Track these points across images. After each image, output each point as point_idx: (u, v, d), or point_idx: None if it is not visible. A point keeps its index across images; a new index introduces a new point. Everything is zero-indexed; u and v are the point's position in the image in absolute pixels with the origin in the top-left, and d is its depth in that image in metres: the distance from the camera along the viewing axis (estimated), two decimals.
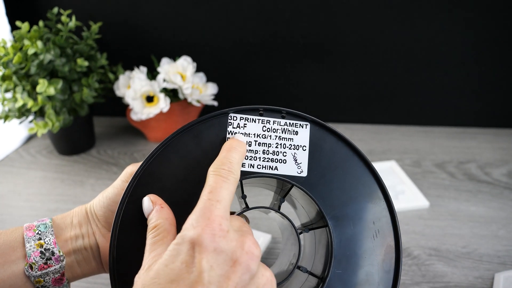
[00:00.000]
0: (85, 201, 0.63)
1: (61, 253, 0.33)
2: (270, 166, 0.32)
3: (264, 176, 0.32)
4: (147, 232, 0.28)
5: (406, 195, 0.62)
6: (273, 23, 0.78)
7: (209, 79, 0.79)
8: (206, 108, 0.84)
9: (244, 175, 0.32)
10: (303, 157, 0.32)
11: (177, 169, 0.31)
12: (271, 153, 0.32)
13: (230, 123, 0.32)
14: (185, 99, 0.75)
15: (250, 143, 0.32)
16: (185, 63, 0.73)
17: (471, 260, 0.50)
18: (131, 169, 0.34)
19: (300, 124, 0.33)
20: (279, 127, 0.33)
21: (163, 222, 0.28)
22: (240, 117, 0.32)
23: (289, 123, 0.33)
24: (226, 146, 0.30)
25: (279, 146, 0.32)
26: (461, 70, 0.78)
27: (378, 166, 0.69)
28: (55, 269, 0.33)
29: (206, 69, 0.79)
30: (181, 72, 0.73)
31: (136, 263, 0.23)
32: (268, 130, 0.33)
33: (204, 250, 0.23)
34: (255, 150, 0.32)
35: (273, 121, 0.33)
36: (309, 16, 0.77)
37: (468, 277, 0.47)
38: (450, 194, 0.63)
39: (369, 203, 0.32)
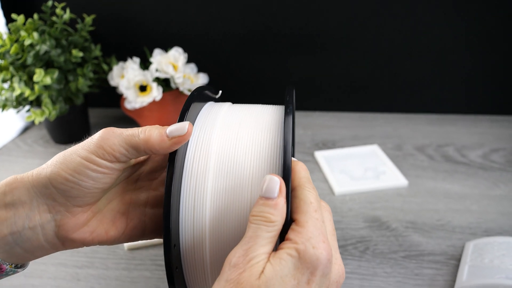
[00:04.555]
0: None
1: None
2: None
3: None
4: (256, 217, 0.26)
5: (387, 175, 0.65)
6: (262, 15, 0.82)
7: (200, 69, 0.82)
8: None
9: None
10: None
11: None
12: None
13: None
14: (177, 89, 0.77)
15: None
16: (177, 54, 0.76)
17: (445, 231, 0.54)
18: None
19: None
20: None
21: (280, 221, 0.26)
22: None
23: None
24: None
25: None
26: (442, 60, 0.82)
27: (361, 149, 0.73)
28: None
29: (197, 60, 0.82)
30: (173, 63, 0.75)
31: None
32: None
33: (318, 274, 0.24)
34: None
35: None
36: (296, 8, 0.80)
37: (441, 245, 0.51)
38: (428, 174, 0.66)
39: None
